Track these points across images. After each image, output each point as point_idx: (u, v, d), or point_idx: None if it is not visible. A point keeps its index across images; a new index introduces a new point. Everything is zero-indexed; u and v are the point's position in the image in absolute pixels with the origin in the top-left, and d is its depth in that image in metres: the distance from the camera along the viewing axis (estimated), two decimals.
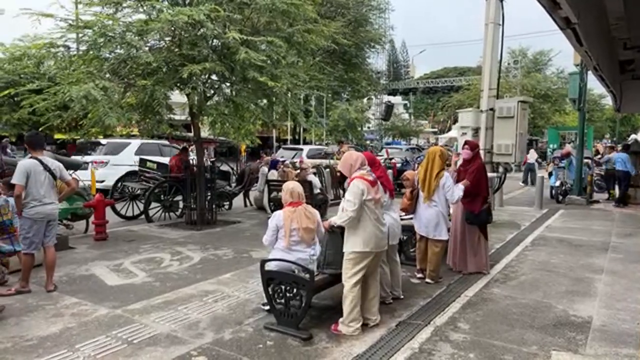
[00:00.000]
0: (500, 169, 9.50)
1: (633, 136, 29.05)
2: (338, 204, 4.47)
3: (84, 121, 8.54)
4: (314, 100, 27.81)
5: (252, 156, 22.81)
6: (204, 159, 9.40)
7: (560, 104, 34.96)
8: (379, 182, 4.00)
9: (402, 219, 5.53)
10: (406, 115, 47.63)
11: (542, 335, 3.91)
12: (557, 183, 13.38)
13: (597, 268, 5.98)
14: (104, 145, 12.92)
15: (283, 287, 3.97)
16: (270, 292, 4.06)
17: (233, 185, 11.77)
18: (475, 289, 5.09)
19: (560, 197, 13.10)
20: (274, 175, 10.40)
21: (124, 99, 8.03)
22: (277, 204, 9.80)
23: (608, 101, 39.57)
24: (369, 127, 39.02)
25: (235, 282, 5.37)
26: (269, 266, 4.13)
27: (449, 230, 5.51)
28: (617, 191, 12.61)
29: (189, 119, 9.00)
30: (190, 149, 10.47)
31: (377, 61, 45.04)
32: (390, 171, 13.51)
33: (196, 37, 7.56)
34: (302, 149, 18.60)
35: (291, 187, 4.35)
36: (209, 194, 9.30)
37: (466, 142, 5.96)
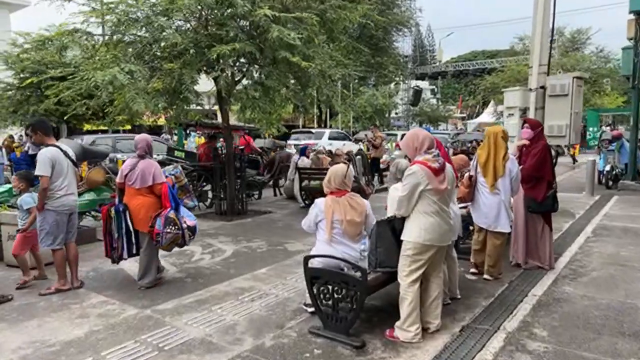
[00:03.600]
0: (552, 152, 8.71)
1: None
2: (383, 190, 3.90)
3: (110, 109, 8.24)
4: (340, 85, 27.09)
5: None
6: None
7: (600, 85, 33.23)
8: (447, 170, 3.43)
9: None
10: (434, 101, 46.32)
11: (638, 343, 3.31)
12: (608, 167, 12.43)
13: None
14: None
15: (330, 287, 3.48)
16: (315, 292, 3.58)
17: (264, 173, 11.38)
18: (543, 287, 4.49)
19: (611, 183, 12.18)
20: (304, 162, 9.91)
21: (149, 84, 7.65)
22: (308, 194, 9.34)
23: None
24: (396, 113, 38.08)
25: (272, 278, 4.93)
26: (313, 263, 3.65)
27: (511, 221, 4.93)
28: None
29: (213, 107, 8.57)
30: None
31: (404, 45, 43.93)
32: None
33: (223, 16, 7.08)
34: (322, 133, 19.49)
35: (334, 171, 3.83)
36: (239, 183, 8.90)
37: (525, 121, 5.30)
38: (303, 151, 10.57)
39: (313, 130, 19.38)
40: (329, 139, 18.49)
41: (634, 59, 11.20)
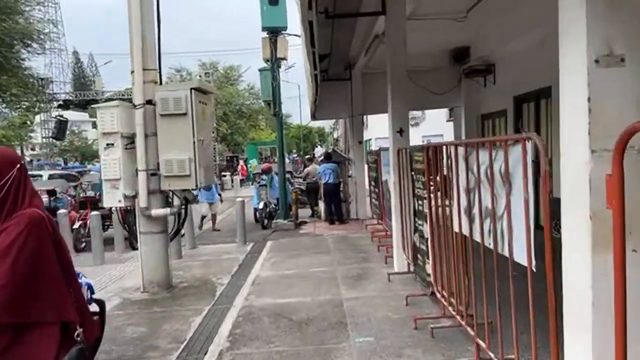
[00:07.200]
0: (177, 202, 5.81)
1: (317, 149, 31.47)
2: None
3: None
4: None
5: None
6: None
7: (255, 120, 35.54)
8: None
9: None
10: (93, 134, 39.98)
11: None
12: (261, 205, 10.99)
13: None
14: None
15: None
16: None
17: None
18: None
19: (266, 222, 10.75)
20: None
21: None
22: None
23: (293, 120, 43.08)
24: (32, 149, 30.09)
25: None
26: None
27: None
28: (321, 206, 11.09)
29: None
30: None
31: (52, 70, 36.18)
32: None
33: None
34: None
35: None
36: None
37: None
38: None
39: None
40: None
41: (272, 82, 9.99)
